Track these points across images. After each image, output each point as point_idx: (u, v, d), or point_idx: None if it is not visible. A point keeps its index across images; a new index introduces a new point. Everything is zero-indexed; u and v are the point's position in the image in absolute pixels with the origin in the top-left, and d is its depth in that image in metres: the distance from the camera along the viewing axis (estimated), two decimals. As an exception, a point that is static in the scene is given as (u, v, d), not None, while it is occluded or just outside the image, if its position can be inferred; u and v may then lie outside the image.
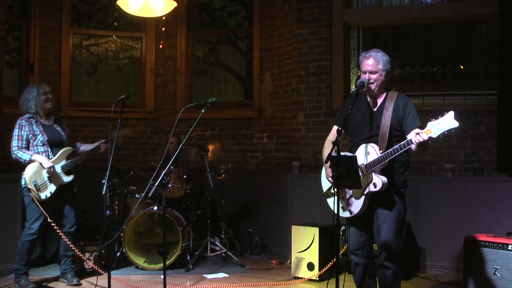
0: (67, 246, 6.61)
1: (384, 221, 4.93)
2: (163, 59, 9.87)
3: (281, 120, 8.74)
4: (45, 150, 6.45)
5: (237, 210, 9.17)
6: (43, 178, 6.35)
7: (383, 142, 4.85)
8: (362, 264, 5.16)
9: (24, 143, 6.41)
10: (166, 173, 5.29)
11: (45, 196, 6.37)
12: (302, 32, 8.35)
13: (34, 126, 6.46)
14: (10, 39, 9.00)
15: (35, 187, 6.32)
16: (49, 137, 6.47)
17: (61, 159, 6.50)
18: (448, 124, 4.46)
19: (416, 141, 4.56)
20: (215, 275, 7.21)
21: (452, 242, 7.04)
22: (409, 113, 4.93)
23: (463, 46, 7.93)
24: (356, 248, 5.15)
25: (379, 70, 4.96)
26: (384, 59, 4.99)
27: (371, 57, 4.98)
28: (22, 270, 6.41)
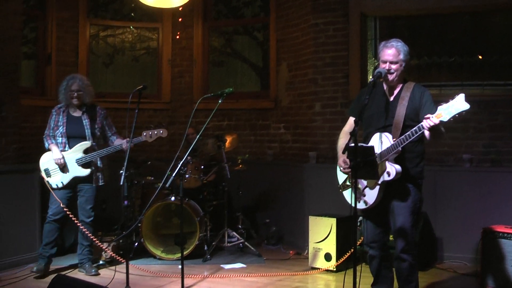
0: (84, 235, 6.73)
1: (399, 212, 4.93)
2: (180, 49, 9.88)
3: (298, 110, 8.72)
4: (62, 141, 6.61)
5: (254, 201, 9.18)
6: (55, 168, 6.56)
7: (397, 131, 4.83)
8: (378, 256, 5.18)
9: (51, 131, 6.66)
10: (184, 163, 5.30)
11: (56, 185, 6.57)
12: (318, 22, 8.31)
13: (60, 116, 6.66)
14: (27, 31, 9.04)
15: (46, 174, 6.58)
16: (67, 130, 6.59)
17: (76, 152, 6.57)
18: (458, 107, 4.41)
19: (426, 125, 4.52)
20: (232, 265, 7.23)
21: (470, 233, 7.01)
22: (426, 103, 4.91)
23: (481, 36, 7.86)
24: (371, 241, 5.16)
25: (399, 61, 4.94)
26: (405, 49, 4.97)
27: (393, 47, 4.94)
28: (42, 253, 6.65)
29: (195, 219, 7.35)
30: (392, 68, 4.93)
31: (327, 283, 6.60)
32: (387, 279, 5.27)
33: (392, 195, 4.94)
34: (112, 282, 6.02)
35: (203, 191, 8.14)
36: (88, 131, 6.64)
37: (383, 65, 4.96)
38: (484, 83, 7.73)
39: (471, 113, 7.47)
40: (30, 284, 6.35)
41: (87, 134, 6.63)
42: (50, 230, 6.65)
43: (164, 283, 6.41)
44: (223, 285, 6.40)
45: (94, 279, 6.37)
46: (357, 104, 5.17)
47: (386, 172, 4.81)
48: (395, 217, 4.95)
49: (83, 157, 6.56)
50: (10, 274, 6.57)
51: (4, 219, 6.83)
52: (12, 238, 6.88)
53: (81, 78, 6.77)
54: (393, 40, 5.01)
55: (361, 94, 5.27)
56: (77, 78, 6.73)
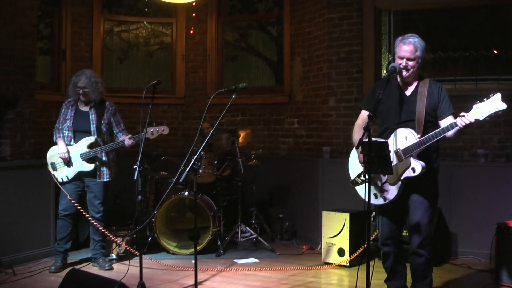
0: (95, 230, 6.78)
1: (417, 207, 4.91)
2: (194, 44, 9.89)
3: (312, 105, 8.71)
4: (68, 135, 6.66)
5: (268, 196, 9.19)
6: (61, 161, 6.62)
7: (420, 127, 4.81)
8: (393, 253, 5.16)
9: (60, 124, 6.71)
10: (197, 158, 5.31)
11: (61, 178, 6.64)
12: (332, 16, 8.29)
13: (69, 110, 6.71)
14: (42, 26, 9.08)
15: (52, 167, 6.67)
16: (74, 124, 6.64)
17: (81, 146, 6.59)
18: (496, 106, 4.35)
19: (461, 124, 4.49)
20: (245, 260, 7.24)
21: (484, 228, 6.96)
22: (444, 99, 4.89)
23: (496, 30, 7.80)
24: (387, 237, 5.13)
25: (416, 57, 4.90)
26: (422, 45, 4.93)
27: (410, 43, 4.89)
28: (57, 249, 6.75)
29: (208, 214, 7.36)
30: (409, 65, 4.89)
31: (340, 278, 6.59)
32: (401, 274, 5.26)
33: (410, 190, 4.92)
34: (126, 276, 6.04)
35: (217, 186, 8.15)
36: (94, 126, 6.64)
37: (400, 61, 4.90)
38: (500, 77, 7.68)
39: (486, 108, 7.47)
40: (45, 278, 6.39)
41: (93, 129, 6.64)
42: (62, 225, 6.73)
43: (178, 278, 6.43)
44: (237, 280, 6.41)
45: (108, 274, 6.39)
46: (371, 98, 5.13)
47: (411, 168, 4.78)
48: (412, 212, 4.94)
49: (87, 152, 6.57)
50: (26, 268, 6.61)
51: (20, 213, 6.88)
52: (27, 233, 6.93)
53: (89, 75, 6.71)
54: (410, 36, 4.95)
55: (374, 88, 5.23)
56: (84, 75, 6.67)
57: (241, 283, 6.30)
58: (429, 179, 4.93)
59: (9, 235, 6.74)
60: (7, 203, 6.76)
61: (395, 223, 5.11)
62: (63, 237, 6.72)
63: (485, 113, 4.38)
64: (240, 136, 8.04)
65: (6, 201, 6.74)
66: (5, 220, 6.72)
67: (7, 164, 6.88)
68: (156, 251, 7.55)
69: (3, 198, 6.71)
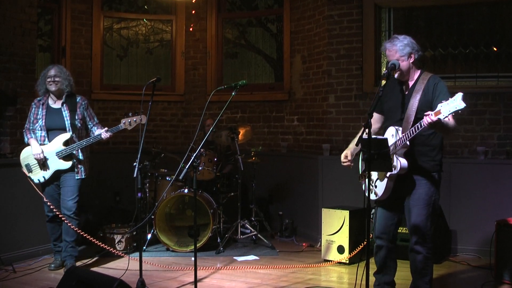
0: (66, 231, 6.45)
1: (414, 204, 4.93)
2: (194, 42, 9.88)
3: (312, 102, 8.71)
4: (42, 134, 6.40)
5: (268, 193, 9.19)
6: (36, 162, 6.37)
7: (407, 125, 4.83)
8: (386, 248, 5.18)
9: (31, 125, 6.46)
10: (197, 156, 5.30)
11: (37, 179, 6.40)
12: (332, 13, 8.28)
13: (40, 109, 6.46)
14: (42, 23, 9.08)
15: (27, 169, 6.40)
16: (46, 122, 6.39)
17: (56, 144, 6.34)
18: (455, 105, 4.38)
19: (425, 122, 4.53)
20: (245, 258, 7.24)
21: (484, 226, 6.97)
22: (439, 94, 4.87)
23: (496, 28, 7.79)
24: (381, 231, 5.16)
25: (400, 58, 4.92)
26: (401, 45, 4.92)
27: (386, 49, 4.98)
28: (53, 249, 6.72)
29: (208, 211, 7.37)
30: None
31: (340, 276, 6.59)
32: (390, 269, 5.28)
33: (407, 188, 4.95)
34: (125, 273, 6.04)
35: (217, 183, 8.15)
36: (68, 123, 6.40)
37: None
38: (500, 74, 7.67)
39: (486, 105, 7.50)
40: (45, 275, 6.39)
41: (67, 125, 6.40)
42: (53, 227, 6.61)
43: (177, 275, 6.43)
44: (236, 277, 6.41)
45: (108, 271, 6.40)
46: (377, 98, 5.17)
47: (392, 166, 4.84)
48: (410, 208, 4.96)
49: (63, 150, 6.32)
50: (26, 266, 6.62)
51: (20, 210, 6.88)
52: (27, 230, 6.93)
53: (59, 66, 6.54)
54: (391, 39, 5.01)
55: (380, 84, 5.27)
56: (55, 66, 6.51)
57: (240, 280, 6.30)
58: (427, 177, 4.94)
59: (9, 232, 6.74)
60: (7, 200, 6.76)
61: (391, 218, 5.13)
62: (57, 237, 6.63)
63: (445, 112, 4.42)
64: (240, 133, 8.04)
65: (5, 198, 6.74)
66: (5, 217, 6.72)
67: (7, 161, 6.88)
68: (156, 248, 7.55)
69: (2, 195, 6.71)
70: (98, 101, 9.36)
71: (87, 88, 9.29)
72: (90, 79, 9.34)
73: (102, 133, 6.42)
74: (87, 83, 9.30)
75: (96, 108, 9.29)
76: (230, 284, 6.15)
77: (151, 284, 5.98)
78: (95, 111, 9.09)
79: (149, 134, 8.82)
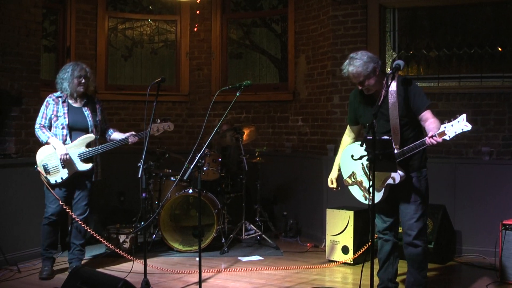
0: (76, 234, 6.40)
1: (407, 205, 5.05)
2: (198, 42, 9.89)
3: (316, 102, 8.70)
4: (64, 133, 6.20)
5: (272, 193, 9.19)
6: (55, 162, 6.15)
7: (397, 136, 4.92)
8: (391, 242, 5.28)
9: (47, 121, 6.24)
10: (201, 156, 5.31)
11: (54, 181, 6.18)
12: (337, 14, 8.28)
13: (60, 106, 6.25)
14: (47, 24, 9.09)
15: (45, 170, 6.18)
16: (70, 121, 6.22)
17: (79, 146, 6.22)
18: (461, 127, 4.50)
19: (430, 143, 4.64)
20: (249, 258, 7.24)
21: (489, 226, 6.96)
22: (415, 95, 4.94)
23: (501, 28, 7.77)
24: (384, 228, 5.29)
25: (365, 78, 4.95)
26: (361, 65, 4.92)
27: (349, 72, 4.99)
28: (45, 255, 6.35)
29: (212, 212, 7.37)
30: (365, 86, 4.99)
31: (345, 276, 6.58)
32: (393, 265, 5.34)
33: (398, 189, 5.03)
34: (130, 274, 6.05)
35: (221, 184, 8.15)
36: (91, 123, 6.31)
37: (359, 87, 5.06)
38: (504, 75, 7.65)
39: (490, 105, 7.48)
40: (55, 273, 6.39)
41: (90, 126, 6.31)
42: (51, 230, 6.34)
43: (182, 275, 6.43)
44: (241, 277, 6.41)
45: (112, 272, 6.41)
46: (351, 111, 5.39)
47: (391, 177, 4.94)
48: (403, 209, 5.08)
49: (87, 152, 6.22)
50: (30, 266, 6.62)
51: (24, 210, 6.89)
52: (32, 230, 6.92)
53: (86, 65, 6.39)
54: (348, 63, 5.02)
55: (350, 100, 5.40)
56: (82, 65, 6.34)
57: (245, 280, 6.30)
58: (415, 177, 5.05)
59: (14, 232, 6.75)
60: (12, 200, 6.77)
61: (390, 217, 5.24)
62: (52, 242, 6.37)
63: (451, 133, 4.53)
64: (245, 134, 8.04)
65: (11, 198, 6.75)
66: (10, 217, 6.73)
67: (12, 162, 6.89)
68: (160, 249, 7.56)
69: (8, 195, 6.72)
70: (103, 102, 9.31)
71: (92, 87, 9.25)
72: (95, 79, 9.32)
73: (130, 137, 6.39)
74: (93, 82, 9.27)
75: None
76: (234, 284, 6.16)
77: (155, 284, 5.99)
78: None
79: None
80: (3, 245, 6.44)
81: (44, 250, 6.35)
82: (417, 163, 5.05)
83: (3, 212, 6.68)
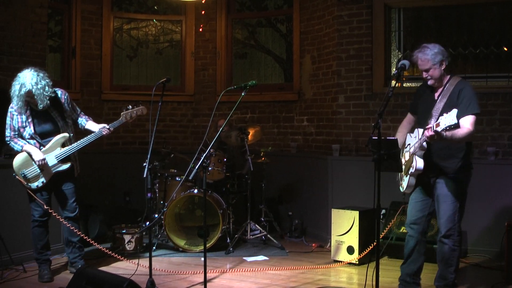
0: (71, 231, 6.30)
1: (442, 201, 5.19)
2: (203, 42, 9.89)
3: (321, 102, 8.69)
4: (34, 143, 6.04)
5: (277, 193, 9.18)
6: (34, 169, 6.02)
7: None
8: (416, 239, 5.38)
9: (15, 133, 6.05)
10: (207, 156, 5.31)
11: (36, 186, 6.07)
12: (342, 14, 8.27)
13: (23, 116, 6.01)
14: (52, 24, 9.11)
15: (24, 178, 6.03)
16: (37, 129, 6.06)
17: (54, 147, 6.06)
18: (450, 121, 4.54)
19: (426, 135, 4.78)
20: (255, 258, 7.24)
21: (495, 227, 6.96)
22: (463, 99, 5.06)
23: (507, 27, 7.75)
24: (412, 222, 5.40)
25: (432, 66, 5.12)
26: (432, 53, 5.13)
27: (418, 58, 5.16)
28: (40, 258, 6.28)
29: (218, 212, 7.37)
30: (429, 75, 5.16)
31: (350, 276, 6.58)
32: (415, 262, 5.45)
33: (436, 185, 5.22)
34: (135, 274, 6.04)
35: (226, 184, 8.15)
36: (61, 123, 6.13)
37: (424, 74, 5.20)
38: (510, 75, 7.63)
39: (496, 105, 7.46)
40: (55, 275, 6.39)
41: (60, 126, 6.12)
42: (41, 232, 6.25)
43: (187, 275, 6.43)
44: (246, 278, 6.41)
45: (117, 271, 6.41)
46: (415, 100, 5.52)
47: (411, 166, 5.08)
48: (439, 205, 5.23)
49: (63, 152, 6.08)
50: (36, 265, 6.58)
51: (29, 211, 6.88)
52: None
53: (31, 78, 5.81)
54: (418, 50, 5.20)
55: (417, 90, 5.57)
56: (25, 81, 5.80)
57: (250, 280, 6.30)
58: (453, 177, 5.17)
59: (19, 232, 6.75)
60: (17, 200, 6.76)
61: (422, 212, 5.35)
62: (45, 244, 6.27)
63: (443, 125, 4.59)
64: (250, 134, 8.03)
65: (15, 198, 6.75)
66: (15, 217, 6.73)
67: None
68: (166, 248, 7.56)
69: (12, 196, 6.72)
70: (108, 102, 9.39)
71: (97, 88, 9.32)
72: (100, 79, 9.37)
73: (103, 129, 6.22)
74: (97, 84, 9.33)
75: (105, 109, 9.33)
76: (239, 284, 6.16)
77: (160, 284, 5.99)
78: (105, 112, 9.19)
79: (158, 134, 8.82)
80: (9, 245, 6.44)
81: (38, 253, 6.28)
82: (453, 166, 5.15)
83: (9, 212, 6.69)
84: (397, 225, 7.11)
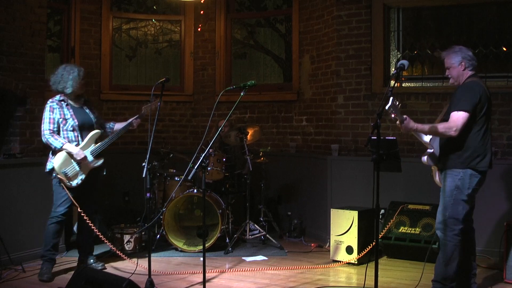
0: (90, 230, 6.42)
1: (440, 194, 5.33)
2: (202, 42, 9.89)
3: (321, 102, 8.70)
4: (75, 135, 6.26)
5: (276, 193, 9.19)
6: (74, 167, 6.20)
7: None
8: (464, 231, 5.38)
9: (55, 126, 6.22)
10: (206, 156, 5.31)
11: (76, 183, 6.22)
12: (341, 14, 8.27)
13: (65, 109, 6.27)
14: (51, 24, 9.11)
15: (66, 176, 6.17)
16: (79, 121, 6.28)
17: (90, 143, 6.30)
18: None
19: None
20: (254, 258, 7.24)
21: (494, 226, 6.96)
22: (455, 96, 5.18)
23: (506, 27, 7.76)
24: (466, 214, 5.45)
25: (450, 65, 5.30)
26: (452, 53, 5.32)
27: (444, 55, 5.37)
28: (47, 256, 6.30)
29: (217, 212, 7.37)
30: (448, 73, 5.35)
31: (349, 276, 6.58)
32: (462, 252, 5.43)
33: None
34: (134, 274, 6.05)
35: (225, 184, 8.15)
36: (95, 120, 6.44)
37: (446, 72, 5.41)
38: (509, 74, 7.64)
39: (495, 105, 7.46)
40: (54, 275, 6.39)
41: (94, 123, 6.43)
42: (58, 230, 6.36)
43: (186, 275, 6.43)
44: (245, 277, 6.41)
45: (116, 271, 6.41)
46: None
47: None
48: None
49: (97, 147, 6.33)
50: (35, 266, 6.61)
51: (29, 210, 6.90)
52: (37, 230, 6.92)
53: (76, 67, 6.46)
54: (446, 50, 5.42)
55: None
56: (80, 67, 6.47)
57: (249, 280, 6.30)
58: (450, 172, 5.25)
59: (18, 232, 6.76)
60: (17, 200, 6.78)
61: None
62: (57, 243, 6.37)
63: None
64: (249, 134, 8.03)
65: (15, 198, 6.76)
66: (14, 217, 6.74)
67: (16, 161, 6.89)
68: (165, 249, 7.56)
69: (12, 195, 6.73)
70: (107, 102, 9.39)
71: (96, 88, 9.32)
72: (99, 79, 9.37)
73: (134, 120, 6.55)
74: (96, 84, 9.33)
75: (105, 109, 9.33)
76: (238, 284, 6.16)
77: (159, 284, 5.98)
78: (104, 111, 9.20)
79: (158, 134, 8.83)
80: (8, 244, 6.44)
81: (47, 251, 6.31)
82: (459, 161, 5.19)
83: (8, 212, 6.69)
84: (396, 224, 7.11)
